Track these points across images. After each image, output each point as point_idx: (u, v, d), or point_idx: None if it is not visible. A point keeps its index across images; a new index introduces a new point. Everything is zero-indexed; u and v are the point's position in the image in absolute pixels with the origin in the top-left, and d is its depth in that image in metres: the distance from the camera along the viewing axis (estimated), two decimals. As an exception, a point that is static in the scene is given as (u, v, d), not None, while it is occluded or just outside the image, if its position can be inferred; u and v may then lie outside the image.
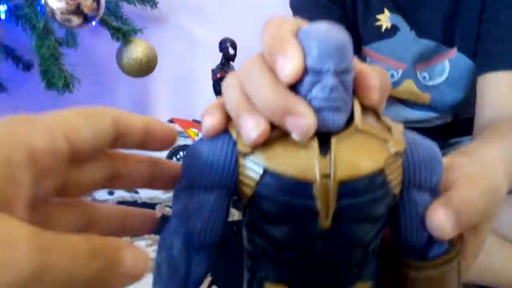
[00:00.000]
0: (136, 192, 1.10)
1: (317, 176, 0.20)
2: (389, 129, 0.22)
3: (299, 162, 0.21)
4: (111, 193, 1.10)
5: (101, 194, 1.09)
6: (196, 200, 0.23)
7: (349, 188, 0.20)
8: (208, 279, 0.68)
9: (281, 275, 0.23)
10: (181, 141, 1.14)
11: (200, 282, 0.25)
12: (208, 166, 0.22)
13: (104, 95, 1.42)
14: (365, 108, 0.23)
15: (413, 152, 0.22)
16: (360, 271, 0.23)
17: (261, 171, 0.21)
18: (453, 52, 0.67)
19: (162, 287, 0.25)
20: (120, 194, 1.09)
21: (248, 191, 0.22)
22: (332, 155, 0.20)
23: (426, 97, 0.70)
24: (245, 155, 0.22)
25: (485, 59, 0.63)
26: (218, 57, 1.14)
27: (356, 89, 0.23)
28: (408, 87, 0.69)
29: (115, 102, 1.41)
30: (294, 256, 0.23)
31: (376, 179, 0.21)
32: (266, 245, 0.23)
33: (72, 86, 1.00)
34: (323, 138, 0.21)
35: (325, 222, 0.21)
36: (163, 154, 1.12)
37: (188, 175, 0.23)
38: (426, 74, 0.70)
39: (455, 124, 0.77)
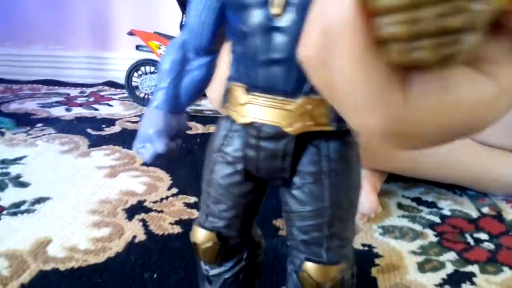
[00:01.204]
0: (96, 109, 1.05)
1: None
2: None
3: None
4: (68, 110, 1.04)
5: (59, 110, 1.03)
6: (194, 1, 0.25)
7: None
8: (169, 182, 0.66)
9: (239, 73, 0.24)
10: (142, 55, 1.07)
11: (196, 86, 0.27)
12: None
13: (59, 7, 1.31)
14: None
15: None
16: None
17: None
18: None
19: (161, 80, 0.27)
20: (78, 110, 1.04)
21: None
22: None
23: None
24: None
25: None
26: (182, -37, 1.04)
27: None
28: None
29: (73, 12, 1.31)
30: (250, 49, 0.23)
31: None
32: (232, 39, 0.24)
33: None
34: None
35: (276, 8, 0.21)
36: (124, 69, 1.06)
37: None
38: None
39: None
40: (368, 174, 0.54)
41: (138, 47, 1.05)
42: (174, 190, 0.64)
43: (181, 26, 1.01)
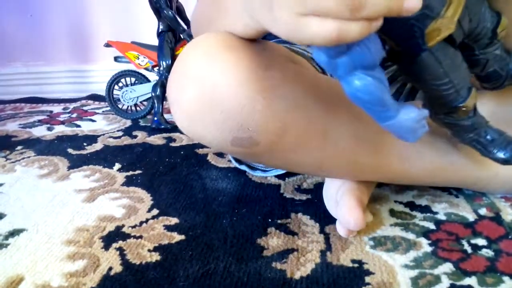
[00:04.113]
0: (78, 126, 1.02)
1: None
2: None
3: None
4: (50, 129, 1.01)
5: (40, 130, 1.00)
6: None
7: None
8: (150, 202, 0.63)
9: None
10: (122, 66, 1.03)
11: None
12: None
13: (38, 16, 1.28)
14: None
15: None
16: None
17: None
18: None
19: None
20: (60, 128, 1.00)
21: None
22: None
23: None
24: None
25: None
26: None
27: None
28: None
29: (50, 23, 1.27)
30: None
31: None
32: None
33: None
34: None
35: None
36: (107, 81, 1.02)
37: None
38: None
39: None
40: (353, 187, 0.51)
41: (116, 59, 1.02)
42: (155, 212, 0.61)
43: (158, 34, 0.98)
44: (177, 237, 0.54)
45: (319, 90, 0.46)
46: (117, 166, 0.77)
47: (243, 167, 0.70)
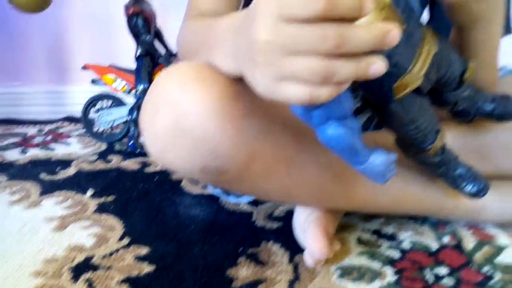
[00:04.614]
0: (52, 149, 1.01)
1: None
2: None
3: None
4: (24, 151, 1.00)
5: (13, 153, 0.98)
6: None
7: None
8: (121, 230, 0.63)
9: None
10: (101, 89, 1.03)
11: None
12: None
13: (16, 37, 1.27)
14: None
15: None
16: None
17: None
18: None
19: None
20: (34, 152, 0.99)
21: None
22: None
23: None
24: None
25: None
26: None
27: None
28: None
29: (28, 44, 1.26)
30: None
31: None
32: None
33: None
34: None
35: None
36: (82, 102, 1.02)
37: None
38: None
39: None
40: (320, 216, 0.52)
41: (93, 81, 1.02)
42: (126, 241, 0.60)
43: (137, 58, 0.99)
44: (147, 267, 0.54)
45: (286, 117, 0.47)
46: (90, 192, 0.77)
47: (217, 192, 0.71)
